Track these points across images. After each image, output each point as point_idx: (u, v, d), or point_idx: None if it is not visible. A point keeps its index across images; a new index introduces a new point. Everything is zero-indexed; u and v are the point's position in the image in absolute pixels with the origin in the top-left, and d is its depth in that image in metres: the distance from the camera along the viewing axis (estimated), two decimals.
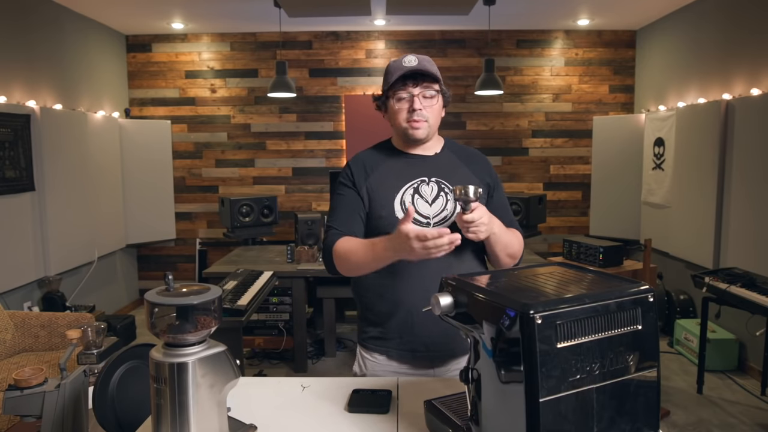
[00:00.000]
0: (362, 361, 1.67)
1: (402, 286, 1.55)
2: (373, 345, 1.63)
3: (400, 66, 1.56)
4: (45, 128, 4.11)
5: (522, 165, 5.85)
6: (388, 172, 1.61)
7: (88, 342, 1.46)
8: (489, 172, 1.67)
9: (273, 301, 4.04)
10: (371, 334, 1.64)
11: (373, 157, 1.65)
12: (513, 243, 1.57)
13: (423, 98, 1.56)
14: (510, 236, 1.57)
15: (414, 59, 1.57)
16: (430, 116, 1.57)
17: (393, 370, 1.62)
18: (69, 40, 4.75)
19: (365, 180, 1.61)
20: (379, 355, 1.63)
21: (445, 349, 1.58)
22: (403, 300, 1.56)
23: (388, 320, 1.59)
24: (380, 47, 5.76)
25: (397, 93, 1.56)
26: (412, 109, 1.55)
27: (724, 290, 3.18)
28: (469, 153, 1.70)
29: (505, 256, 1.56)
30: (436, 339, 1.56)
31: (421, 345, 1.58)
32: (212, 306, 1.09)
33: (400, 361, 1.61)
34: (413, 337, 1.57)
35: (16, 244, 3.87)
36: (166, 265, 5.94)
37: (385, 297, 1.58)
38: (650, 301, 0.99)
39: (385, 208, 1.57)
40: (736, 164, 3.96)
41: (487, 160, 1.71)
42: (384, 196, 1.58)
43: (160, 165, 5.56)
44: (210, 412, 1.09)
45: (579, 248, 3.89)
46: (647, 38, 5.51)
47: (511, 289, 1.04)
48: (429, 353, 1.58)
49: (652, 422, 0.99)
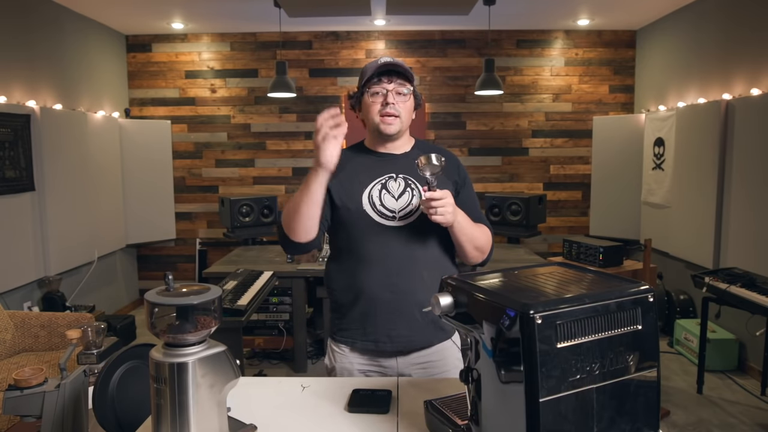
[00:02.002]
0: (332, 354, 1.70)
1: (365, 276, 1.58)
2: (340, 337, 1.67)
3: (375, 64, 1.61)
4: (45, 128, 4.11)
5: (522, 165, 5.85)
6: (357, 168, 1.66)
7: (88, 342, 1.46)
8: (457, 170, 1.69)
9: (273, 301, 4.04)
10: (338, 325, 1.68)
11: (345, 155, 1.66)
12: (479, 236, 1.60)
13: (396, 94, 1.60)
14: (477, 229, 1.60)
15: (390, 59, 1.62)
16: (402, 111, 1.61)
17: (358, 362, 1.64)
18: (69, 40, 4.76)
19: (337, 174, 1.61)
20: (345, 347, 1.66)
21: (407, 341, 1.61)
22: (365, 290, 1.59)
23: (352, 311, 1.62)
24: (380, 47, 5.76)
25: (371, 88, 1.61)
26: (386, 103, 1.59)
27: (724, 290, 3.18)
28: (438, 152, 1.69)
29: (472, 249, 1.59)
30: (400, 331, 1.59)
31: (383, 336, 1.60)
32: (212, 306, 1.09)
33: (363, 352, 1.64)
34: (375, 328, 1.60)
35: (16, 244, 3.87)
36: (166, 265, 5.94)
37: (349, 287, 1.62)
38: (650, 301, 0.99)
39: (352, 201, 1.61)
40: (736, 164, 3.96)
41: (456, 158, 1.74)
42: (353, 190, 1.62)
43: (160, 165, 5.56)
44: (210, 412, 1.09)
45: (579, 248, 3.89)
46: (647, 38, 5.51)
47: (511, 289, 1.04)
48: (392, 344, 1.60)
49: (652, 422, 0.99)
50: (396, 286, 1.56)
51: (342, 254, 1.65)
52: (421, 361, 1.64)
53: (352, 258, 1.61)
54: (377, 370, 1.65)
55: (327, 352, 1.74)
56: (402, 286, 1.56)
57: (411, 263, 1.57)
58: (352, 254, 1.61)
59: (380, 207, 1.59)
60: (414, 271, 1.57)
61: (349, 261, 1.61)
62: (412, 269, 1.57)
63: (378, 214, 1.59)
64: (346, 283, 1.62)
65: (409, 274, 1.57)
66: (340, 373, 1.66)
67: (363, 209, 1.59)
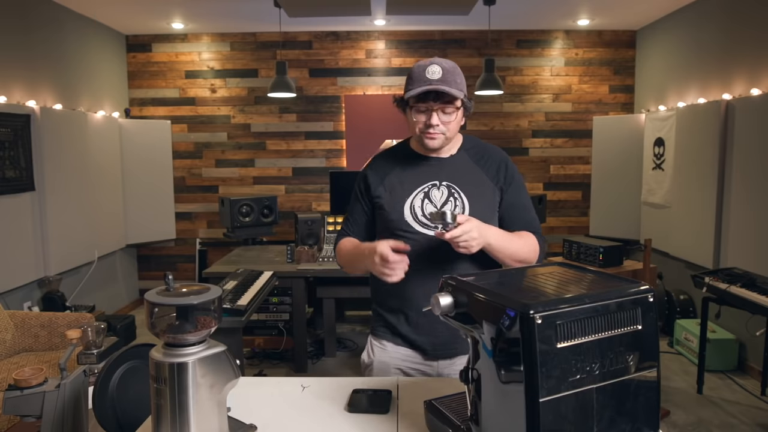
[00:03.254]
0: (371, 349, 1.71)
1: (408, 284, 1.56)
2: (383, 333, 1.68)
3: (423, 77, 1.49)
4: (45, 128, 4.11)
5: (522, 165, 5.85)
6: (401, 175, 1.64)
7: (88, 342, 1.46)
8: (503, 172, 1.63)
9: (273, 301, 4.04)
10: (381, 322, 1.69)
11: (389, 162, 1.68)
12: (519, 249, 1.54)
13: (442, 113, 1.52)
14: (515, 243, 1.54)
15: (438, 71, 1.48)
16: (448, 130, 1.55)
17: (399, 357, 1.65)
18: (69, 40, 4.75)
19: (378, 186, 1.65)
20: (387, 342, 1.67)
21: (450, 348, 1.61)
22: (407, 298, 1.59)
23: (395, 316, 1.64)
24: (380, 47, 5.76)
25: (416, 105, 1.53)
26: (430, 124, 1.53)
27: (724, 290, 3.18)
28: (485, 152, 1.67)
29: (513, 263, 1.54)
30: (443, 338, 1.59)
31: (426, 343, 1.61)
32: (212, 306, 1.09)
33: (404, 353, 1.65)
34: (418, 336, 1.61)
35: (16, 244, 3.87)
36: (166, 265, 5.94)
37: (392, 294, 1.62)
38: (650, 301, 0.99)
39: (395, 211, 1.60)
40: (736, 164, 3.96)
41: (504, 157, 1.66)
42: (396, 200, 1.61)
43: (160, 165, 5.56)
44: (210, 412, 1.09)
45: (579, 248, 3.89)
46: (647, 38, 5.50)
47: (511, 289, 1.04)
48: (435, 351, 1.62)
49: (652, 422, 0.99)
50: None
51: None
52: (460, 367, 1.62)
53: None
54: (417, 368, 1.64)
55: (367, 347, 1.74)
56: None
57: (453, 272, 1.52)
58: None
59: (421, 217, 1.58)
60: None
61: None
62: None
63: (419, 224, 1.58)
64: (390, 289, 1.58)
65: None
66: (377, 369, 1.66)
67: (405, 219, 1.58)
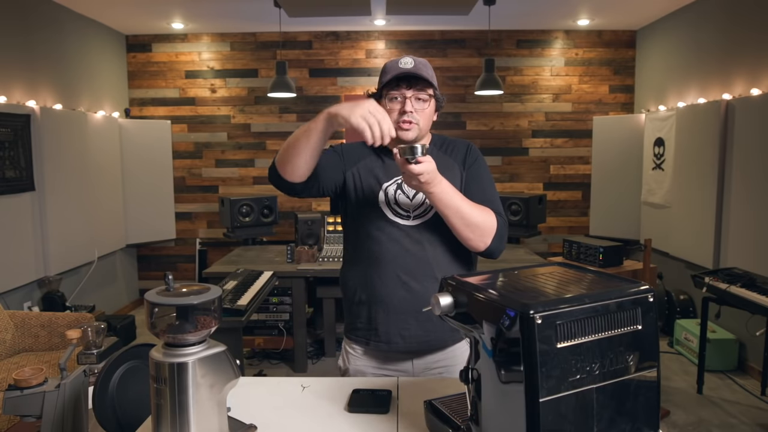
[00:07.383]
0: (345, 356, 1.70)
1: (378, 275, 1.57)
2: (354, 336, 1.66)
3: (396, 67, 1.54)
4: (45, 128, 4.11)
5: (522, 165, 5.85)
6: (374, 165, 1.63)
7: (88, 342, 1.46)
8: (468, 155, 1.65)
9: (273, 301, 4.04)
10: (352, 324, 1.67)
11: (363, 148, 1.66)
12: (471, 212, 1.47)
13: (415, 101, 1.55)
14: (467, 203, 1.48)
15: (410, 61, 1.55)
16: (421, 119, 1.56)
17: (372, 365, 1.64)
18: (69, 40, 4.75)
19: (355, 163, 1.63)
20: (359, 348, 1.66)
21: (421, 341, 1.59)
22: (377, 289, 1.58)
23: (365, 310, 1.62)
24: (380, 47, 5.76)
25: (390, 93, 1.56)
26: (403, 111, 1.54)
27: (724, 290, 3.18)
28: (452, 143, 1.69)
29: (463, 227, 1.47)
30: (413, 331, 1.58)
31: (396, 336, 1.59)
32: (212, 306, 1.09)
33: (376, 353, 1.63)
34: (388, 327, 1.58)
35: (16, 244, 3.87)
36: (166, 265, 5.94)
37: (362, 286, 1.61)
38: (650, 301, 0.99)
39: (368, 199, 1.60)
40: (736, 164, 3.96)
41: (470, 143, 1.68)
42: (369, 188, 1.61)
43: (160, 165, 5.56)
44: (210, 412, 1.09)
45: (579, 248, 3.89)
46: (647, 38, 5.50)
47: (511, 289, 1.04)
48: (405, 344, 1.59)
49: (652, 422, 0.99)
50: (408, 285, 1.55)
51: (356, 252, 1.64)
52: (437, 366, 1.62)
53: (365, 256, 1.60)
54: (391, 374, 1.63)
55: (341, 352, 1.73)
56: (415, 285, 1.55)
57: (424, 262, 1.56)
58: (366, 252, 1.60)
59: (395, 205, 1.58)
60: (427, 270, 1.56)
61: (362, 259, 1.60)
62: (426, 268, 1.56)
63: (393, 213, 1.58)
64: (359, 281, 1.61)
65: (422, 273, 1.55)
66: (353, 375, 1.65)
67: (378, 207, 1.58)
